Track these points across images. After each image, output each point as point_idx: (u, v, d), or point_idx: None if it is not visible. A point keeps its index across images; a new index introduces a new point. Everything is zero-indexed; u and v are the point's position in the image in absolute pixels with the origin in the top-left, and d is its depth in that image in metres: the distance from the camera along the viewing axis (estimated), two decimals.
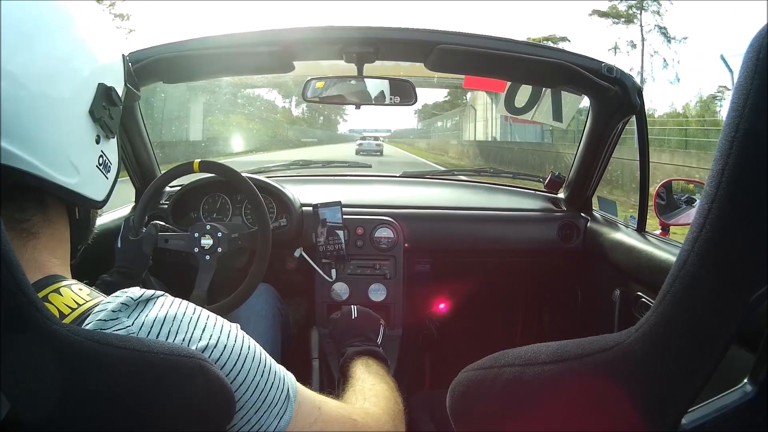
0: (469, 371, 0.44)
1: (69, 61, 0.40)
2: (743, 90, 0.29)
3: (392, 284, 1.20)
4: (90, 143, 0.42)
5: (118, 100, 0.45)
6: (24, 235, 0.40)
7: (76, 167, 0.40)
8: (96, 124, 0.42)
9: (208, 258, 0.98)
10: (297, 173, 1.56)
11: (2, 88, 0.34)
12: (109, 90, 0.43)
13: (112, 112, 0.44)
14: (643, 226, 1.06)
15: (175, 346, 0.37)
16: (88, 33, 0.43)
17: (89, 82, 0.42)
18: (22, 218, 0.40)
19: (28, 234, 0.40)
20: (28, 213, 0.40)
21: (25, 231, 0.40)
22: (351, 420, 0.50)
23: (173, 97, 14.03)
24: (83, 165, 0.41)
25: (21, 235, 0.40)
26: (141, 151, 1.19)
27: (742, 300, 0.31)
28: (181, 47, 0.99)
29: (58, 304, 0.38)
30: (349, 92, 1.05)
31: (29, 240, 0.40)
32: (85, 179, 0.42)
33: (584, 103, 1.17)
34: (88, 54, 0.42)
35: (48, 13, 0.39)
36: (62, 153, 0.39)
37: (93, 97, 0.42)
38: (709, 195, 0.30)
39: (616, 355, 0.35)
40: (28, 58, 0.36)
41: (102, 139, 0.44)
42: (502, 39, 0.97)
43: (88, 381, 0.33)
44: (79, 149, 0.41)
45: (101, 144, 0.44)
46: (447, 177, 1.64)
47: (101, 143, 0.44)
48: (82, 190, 0.41)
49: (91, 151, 0.43)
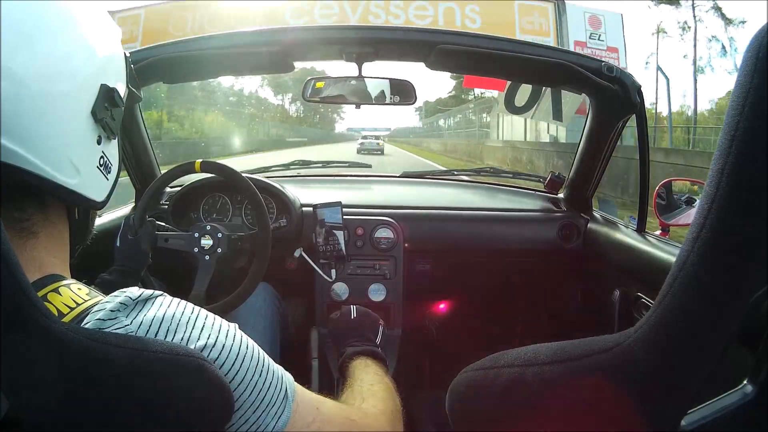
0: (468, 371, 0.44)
1: (71, 60, 0.40)
2: (743, 89, 0.29)
3: (392, 284, 1.20)
4: (91, 144, 0.42)
5: (120, 101, 0.45)
6: (23, 234, 0.40)
7: (77, 167, 0.40)
8: (98, 125, 0.42)
9: (207, 258, 0.98)
10: (297, 173, 1.56)
11: (3, 86, 0.34)
12: (111, 91, 0.43)
13: (114, 113, 0.44)
14: (643, 226, 1.06)
15: (174, 345, 0.37)
16: (91, 33, 0.43)
17: (91, 82, 0.42)
18: (22, 217, 0.40)
19: (27, 233, 0.40)
20: (27, 212, 0.40)
21: (24, 230, 0.40)
22: (349, 420, 0.50)
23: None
24: (84, 165, 0.41)
25: (20, 234, 0.40)
26: (141, 151, 1.19)
27: (742, 300, 0.31)
28: (181, 47, 0.99)
29: (57, 304, 0.38)
30: (349, 92, 1.05)
31: (29, 239, 0.40)
32: (86, 180, 0.42)
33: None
34: (90, 54, 0.42)
35: (49, 12, 0.39)
36: (63, 153, 0.39)
37: (95, 97, 0.42)
38: (709, 195, 0.30)
39: (615, 356, 0.35)
40: (29, 57, 0.36)
41: (103, 140, 0.44)
42: (502, 39, 0.97)
43: (87, 380, 0.33)
44: (81, 150, 0.41)
45: (102, 145, 0.44)
46: (447, 177, 1.64)
47: (102, 144, 0.44)
48: (83, 190, 0.41)
49: (92, 151, 0.43)
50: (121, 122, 0.46)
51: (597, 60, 0.98)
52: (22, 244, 0.39)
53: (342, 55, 0.99)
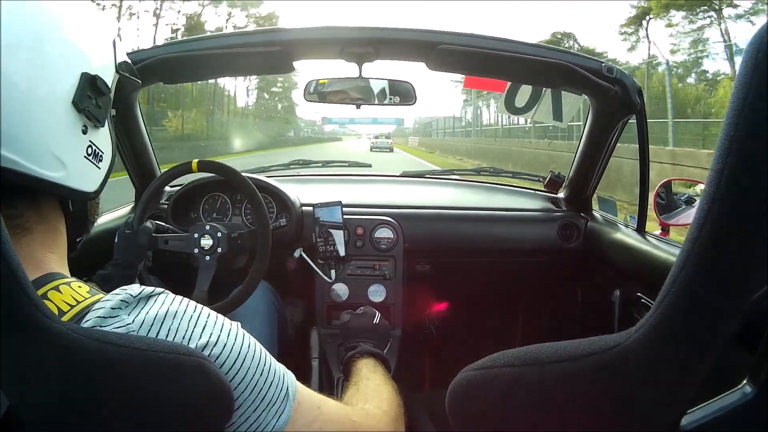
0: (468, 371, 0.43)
1: (46, 53, 0.39)
2: (742, 89, 0.29)
3: (392, 285, 1.20)
4: (75, 135, 0.41)
5: (105, 88, 0.43)
6: (18, 232, 0.40)
7: (61, 160, 0.40)
8: (81, 115, 0.41)
9: (208, 258, 0.98)
10: (297, 173, 1.56)
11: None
12: (93, 78, 0.42)
13: (99, 101, 0.43)
14: (643, 226, 1.06)
15: (175, 344, 0.37)
16: (69, 22, 0.41)
17: (70, 72, 0.41)
18: (15, 215, 0.40)
19: (22, 230, 0.40)
20: (19, 210, 0.40)
21: (18, 227, 0.40)
22: (350, 421, 0.50)
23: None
24: (69, 157, 0.41)
25: (15, 231, 0.39)
26: (141, 151, 1.19)
27: (741, 300, 0.31)
28: (181, 47, 0.99)
29: (57, 302, 0.38)
30: (349, 92, 1.05)
31: (24, 236, 0.40)
32: (73, 171, 0.41)
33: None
34: (67, 44, 0.41)
35: (18, 5, 0.37)
36: (44, 147, 0.38)
37: (75, 87, 0.41)
38: (708, 195, 0.30)
39: (615, 356, 0.35)
40: (2, 53, 0.35)
41: (90, 129, 0.43)
42: (502, 39, 0.97)
43: (88, 379, 0.33)
44: (63, 142, 0.40)
45: (89, 134, 0.43)
46: (447, 177, 1.64)
47: (89, 133, 0.43)
48: (70, 182, 0.41)
49: (77, 142, 0.42)
50: (110, 108, 0.45)
51: (597, 60, 0.98)
52: (17, 241, 0.39)
53: (342, 55, 0.99)
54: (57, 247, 0.43)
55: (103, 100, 0.44)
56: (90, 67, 0.42)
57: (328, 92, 1.06)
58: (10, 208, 0.39)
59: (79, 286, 0.40)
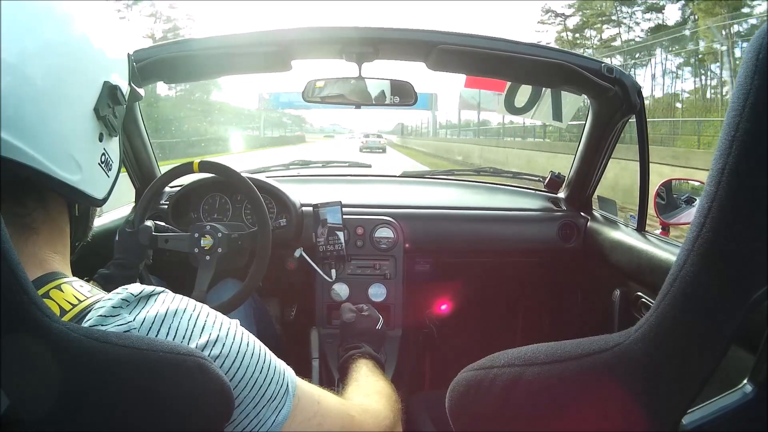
0: (468, 371, 0.43)
1: (75, 58, 0.40)
2: (743, 90, 0.29)
3: (392, 284, 1.20)
4: (93, 141, 0.42)
5: (122, 99, 0.45)
6: (25, 231, 0.40)
7: (79, 164, 0.41)
8: (100, 122, 0.42)
9: (208, 258, 0.98)
10: (297, 173, 1.56)
11: (5, 81, 0.34)
12: (114, 88, 0.43)
13: (116, 110, 0.44)
14: (643, 225, 1.06)
15: (175, 344, 0.37)
16: (96, 31, 0.43)
17: (95, 79, 0.42)
18: (23, 213, 0.40)
19: (28, 229, 0.40)
20: (28, 208, 0.40)
21: (26, 226, 0.40)
22: (349, 416, 0.50)
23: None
24: (85, 162, 0.41)
25: (21, 230, 0.40)
26: (141, 151, 1.19)
27: (741, 300, 0.31)
28: (181, 47, 0.99)
29: (59, 301, 0.38)
30: (349, 92, 1.05)
31: (30, 235, 0.40)
32: (87, 177, 0.42)
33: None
34: (94, 52, 0.42)
35: (56, 9, 0.39)
36: (65, 149, 0.39)
37: (98, 95, 0.42)
38: (709, 194, 0.30)
39: (615, 356, 0.35)
40: (33, 53, 0.36)
41: (105, 138, 0.44)
42: (502, 39, 0.97)
43: (88, 379, 0.33)
44: (82, 146, 0.41)
45: (104, 142, 0.44)
46: (447, 177, 1.64)
47: (104, 141, 0.44)
48: (84, 187, 0.41)
49: (93, 148, 0.43)
50: (122, 120, 0.46)
51: (597, 61, 0.99)
52: (23, 240, 0.40)
53: (342, 55, 1.00)
54: (61, 247, 0.43)
55: (119, 111, 0.45)
56: (110, 78, 0.43)
57: (328, 93, 1.05)
58: (20, 205, 0.40)
59: (80, 285, 0.40)
